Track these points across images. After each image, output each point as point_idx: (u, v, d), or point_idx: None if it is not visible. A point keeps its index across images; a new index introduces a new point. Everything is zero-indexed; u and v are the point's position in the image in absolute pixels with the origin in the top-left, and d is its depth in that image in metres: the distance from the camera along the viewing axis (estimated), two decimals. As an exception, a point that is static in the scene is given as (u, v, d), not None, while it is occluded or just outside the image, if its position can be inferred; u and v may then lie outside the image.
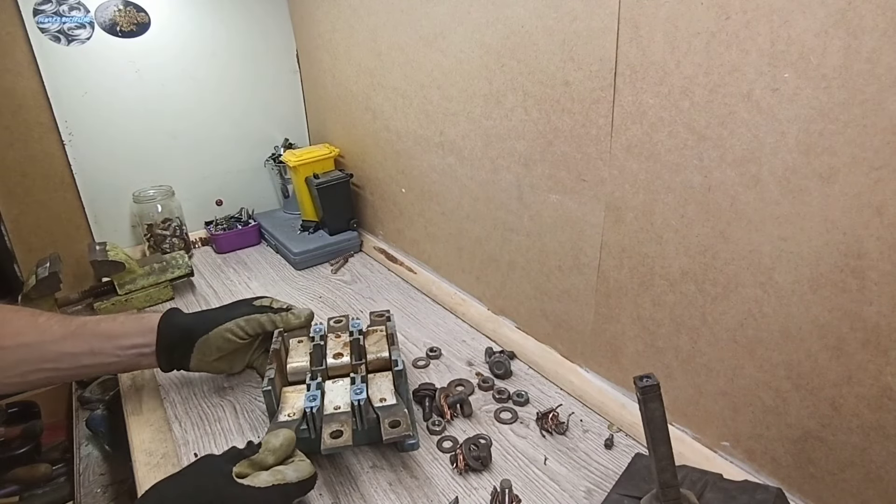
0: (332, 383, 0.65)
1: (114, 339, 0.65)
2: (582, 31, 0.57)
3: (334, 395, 0.63)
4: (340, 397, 0.62)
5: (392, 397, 0.62)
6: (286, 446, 0.53)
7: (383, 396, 0.62)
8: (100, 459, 0.88)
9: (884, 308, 0.41)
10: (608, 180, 0.60)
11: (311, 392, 0.61)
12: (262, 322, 0.70)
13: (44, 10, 1.01)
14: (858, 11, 0.37)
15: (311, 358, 0.67)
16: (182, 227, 1.19)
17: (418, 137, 0.92)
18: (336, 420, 0.58)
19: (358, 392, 0.60)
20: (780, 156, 0.44)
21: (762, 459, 0.53)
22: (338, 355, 0.68)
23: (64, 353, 0.63)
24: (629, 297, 0.62)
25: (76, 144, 1.10)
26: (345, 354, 0.68)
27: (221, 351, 0.69)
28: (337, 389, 0.64)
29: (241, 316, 0.69)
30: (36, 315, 0.65)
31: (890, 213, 0.39)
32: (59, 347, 0.63)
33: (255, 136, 1.31)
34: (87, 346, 0.64)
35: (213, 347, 0.68)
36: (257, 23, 1.23)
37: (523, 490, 0.57)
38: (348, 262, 1.16)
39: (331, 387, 0.64)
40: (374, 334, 0.72)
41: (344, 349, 0.69)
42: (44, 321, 0.65)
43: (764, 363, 0.50)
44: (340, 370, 0.67)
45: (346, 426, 0.57)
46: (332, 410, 0.60)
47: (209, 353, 0.69)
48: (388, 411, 0.60)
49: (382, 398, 0.62)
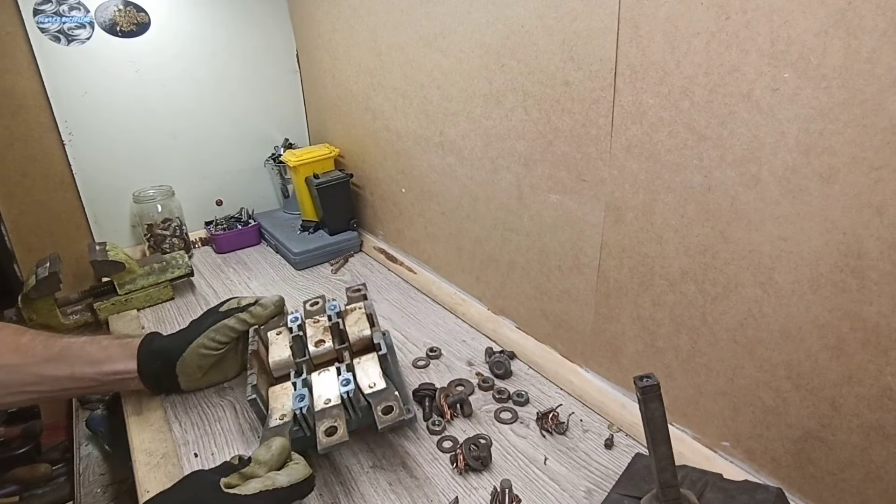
0: (318, 375, 0.63)
1: (96, 365, 0.65)
2: (582, 31, 0.57)
3: (323, 387, 0.61)
4: (329, 389, 0.60)
5: (381, 381, 0.60)
6: (278, 456, 0.52)
7: (372, 381, 0.60)
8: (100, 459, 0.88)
9: (884, 308, 0.41)
10: (608, 180, 0.60)
11: (297, 391, 0.59)
12: (232, 325, 0.68)
13: (44, 9, 1.01)
14: (858, 11, 0.37)
15: (293, 351, 0.65)
16: (182, 227, 1.19)
17: (418, 137, 0.92)
18: (328, 416, 0.57)
19: (345, 384, 0.58)
20: (780, 156, 0.44)
21: (762, 459, 0.53)
22: (319, 342, 0.65)
23: (46, 376, 0.63)
24: (629, 297, 0.62)
25: (76, 144, 1.10)
26: (326, 340, 0.65)
27: (203, 367, 0.69)
28: (324, 381, 0.61)
29: (209, 327, 0.68)
30: (19, 335, 0.64)
31: (890, 212, 0.39)
32: (41, 370, 0.63)
33: (255, 136, 1.31)
34: (69, 370, 0.63)
35: (194, 366, 0.68)
36: (257, 23, 1.24)
37: (523, 490, 0.57)
38: (348, 262, 1.16)
39: (318, 379, 0.62)
40: (352, 313, 0.69)
41: (325, 335, 0.66)
42: (26, 342, 0.64)
43: (764, 363, 0.50)
44: (325, 357, 0.65)
45: (340, 420, 0.56)
46: (323, 405, 0.58)
47: (192, 372, 0.68)
48: (379, 397, 0.58)
49: (371, 383, 0.60)
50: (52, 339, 0.66)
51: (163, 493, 0.50)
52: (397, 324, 0.90)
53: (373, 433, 0.66)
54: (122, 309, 0.97)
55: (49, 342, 0.65)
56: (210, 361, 0.69)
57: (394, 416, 0.55)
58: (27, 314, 0.89)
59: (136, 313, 0.97)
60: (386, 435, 0.66)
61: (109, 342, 0.67)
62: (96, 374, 0.65)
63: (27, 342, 0.64)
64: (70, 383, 0.64)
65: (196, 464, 0.62)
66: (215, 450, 0.64)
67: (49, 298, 0.90)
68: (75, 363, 0.64)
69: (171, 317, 0.96)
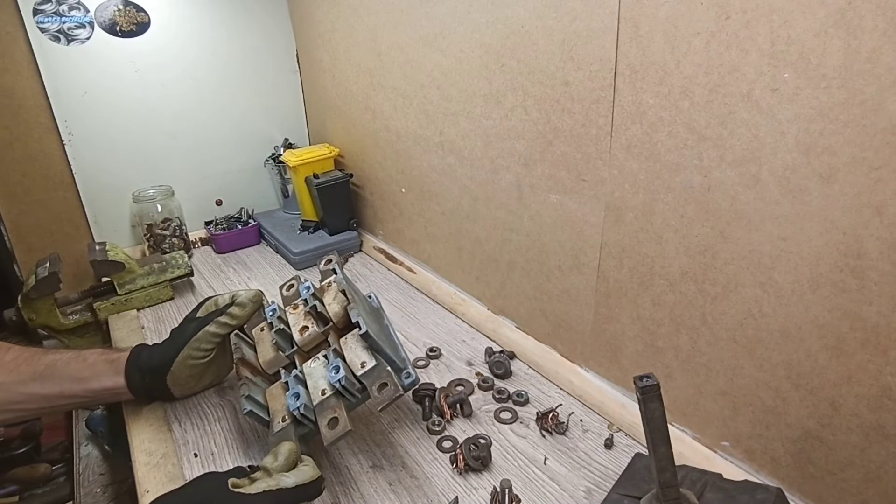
0: (309, 366, 0.61)
1: (84, 383, 0.64)
2: (582, 31, 0.57)
3: (316, 378, 0.59)
4: (324, 378, 0.59)
5: (370, 358, 0.58)
6: (286, 461, 0.52)
7: (362, 361, 0.58)
8: (99, 459, 0.88)
9: (883, 308, 0.41)
10: (608, 180, 0.60)
11: (291, 390, 0.58)
12: (214, 331, 0.67)
13: (43, 9, 1.01)
14: (858, 11, 0.37)
15: (279, 346, 0.64)
16: (182, 226, 1.19)
17: (418, 137, 0.92)
18: (327, 407, 0.56)
19: (335, 371, 0.57)
20: (780, 156, 0.44)
21: (762, 459, 0.53)
22: (303, 329, 0.63)
23: (33, 394, 0.62)
24: (629, 296, 0.62)
25: (76, 144, 1.10)
26: (310, 326, 0.63)
27: (194, 375, 0.68)
28: (317, 371, 0.60)
29: (191, 336, 0.67)
30: (2, 351, 0.64)
31: (890, 212, 0.39)
32: (28, 389, 0.62)
33: (255, 136, 1.31)
34: (57, 388, 0.63)
35: (184, 377, 0.67)
36: (257, 23, 1.24)
37: (523, 490, 0.57)
38: (348, 262, 1.16)
39: (310, 370, 0.61)
40: (329, 290, 0.67)
41: (307, 320, 0.64)
42: (10, 360, 0.63)
43: (764, 363, 0.50)
44: (313, 342, 0.63)
45: (339, 409, 0.55)
46: (321, 397, 0.57)
47: (185, 381, 0.68)
48: (372, 376, 0.57)
49: (362, 362, 0.57)
50: (37, 355, 0.65)
51: (173, 490, 0.50)
52: (397, 324, 0.90)
53: (372, 432, 0.66)
54: (122, 309, 0.97)
55: (33, 359, 0.64)
56: (200, 369, 0.68)
57: (390, 393, 0.54)
58: (27, 314, 0.89)
59: (136, 313, 0.97)
60: (386, 434, 0.66)
61: (96, 358, 0.66)
62: (85, 391, 0.64)
63: (11, 360, 0.63)
64: (59, 400, 0.63)
65: (196, 464, 0.62)
66: (215, 450, 0.64)
67: (49, 298, 0.90)
68: (62, 381, 0.63)
69: (170, 317, 0.96)
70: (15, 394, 0.62)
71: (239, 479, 0.49)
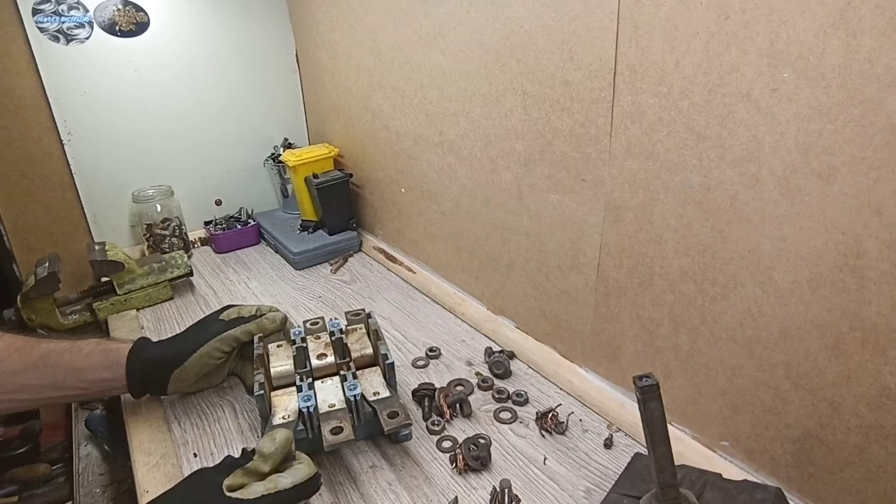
0: (320, 383, 0.65)
1: (78, 373, 0.63)
2: (581, 31, 0.57)
3: (325, 394, 0.63)
4: (333, 395, 0.62)
5: (385, 390, 0.62)
6: (282, 449, 0.51)
7: (376, 390, 0.62)
8: (99, 459, 0.88)
9: (883, 308, 0.41)
10: (607, 180, 0.60)
11: (304, 392, 0.60)
12: (238, 336, 0.68)
13: (43, 9, 1.01)
14: (857, 11, 0.37)
15: (295, 361, 0.67)
16: (181, 226, 1.19)
17: (417, 137, 0.92)
18: (333, 417, 0.58)
19: (352, 388, 0.60)
20: (780, 155, 0.44)
21: (761, 459, 0.53)
22: (321, 356, 0.68)
23: (26, 385, 0.61)
24: (628, 296, 0.62)
25: (75, 144, 1.10)
26: (329, 355, 0.68)
27: (200, 375, 0.68)
28: (327, 389, 0.64)
29: (214, 336, 0.67)
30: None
31: (889, 212, 0.39)
32: (21, 379, 0.61)
33: (255, 136, 1.31)
34: (50, 379, 0.62)
35: (192, 374, 0.67)
36: (257, 23, 1.23)
37: (523, 490, 0.57)
38: (348, 262, 1.16)
39: (320, 387, 0.64)
40: (354, 332, 0.72)
41: (326, 349, 0.69)
42: (2, 348, 0.62)
43: (763, 363, 0.50)
44: (326, 370, 0.67)
45: (345, 422, 0.57)
46: (328, 409, 0.60)
47: (187, 379, 0.68)
48: (384, 403, 0.60)
49: (375, 392, 0.62)
50: (30, 344, 0.64)
51: (164, 493, 0.49)
52: (397, 324, 0.90)
53: (372, 433, 0.67)
54: (122, 309, 0.97)
55: (27, 349, 0.63)
56: (209, 369, 0.69)
57: (399, 421, 0.57)
58: (26, 314, 0.89)
59: (136, 313, 0.97)
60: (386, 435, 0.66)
61: (91, 349, 0.65)
62: (80, 382, 0.63)
63: (2, 348, 0.62)
64: (53, 392, 0.62)
65: (196, 463, 0.62)
66: (214, 449, 0.64)
67: (48, 298, 0.90)
68: (56, 372, 0.62)
69: (170, 316, 0.96)
70: (7, 383, 0.60)
71: (234, 479, 0.48)
